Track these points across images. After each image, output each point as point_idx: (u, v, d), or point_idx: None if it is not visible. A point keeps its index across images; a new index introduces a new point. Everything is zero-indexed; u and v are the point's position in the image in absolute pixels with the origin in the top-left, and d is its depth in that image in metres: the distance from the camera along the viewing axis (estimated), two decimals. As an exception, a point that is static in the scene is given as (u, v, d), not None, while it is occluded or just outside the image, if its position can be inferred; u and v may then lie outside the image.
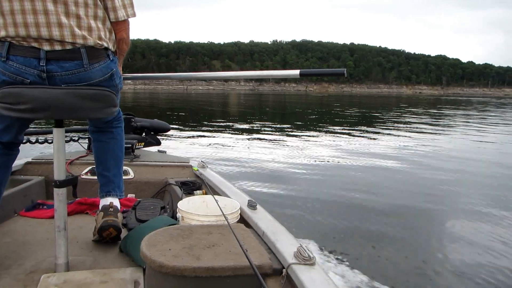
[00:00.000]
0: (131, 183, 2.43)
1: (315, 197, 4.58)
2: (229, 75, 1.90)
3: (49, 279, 1.33)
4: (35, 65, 1.37)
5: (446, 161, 7.01)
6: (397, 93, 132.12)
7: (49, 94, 1.31)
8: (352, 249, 3.08)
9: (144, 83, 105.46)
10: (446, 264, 2.96)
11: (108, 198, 1.76)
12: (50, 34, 1.36)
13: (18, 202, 2.08)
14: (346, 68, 1.50)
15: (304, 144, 9.10)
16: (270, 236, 1.39)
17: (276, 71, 1.74)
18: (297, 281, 1.11)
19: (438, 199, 4.66)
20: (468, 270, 2.85)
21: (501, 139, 10.52)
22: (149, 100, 33.01)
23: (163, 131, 3.27)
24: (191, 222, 1.53)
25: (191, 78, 2.11)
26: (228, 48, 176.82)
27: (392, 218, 3.92)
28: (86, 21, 1.43)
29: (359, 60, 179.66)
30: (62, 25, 1.37)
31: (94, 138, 1.82)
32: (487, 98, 69.68)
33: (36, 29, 1.35)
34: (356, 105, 28.63)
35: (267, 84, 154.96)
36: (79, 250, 1.65)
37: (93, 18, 1.45)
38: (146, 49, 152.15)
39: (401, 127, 13.60)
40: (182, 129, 11.42)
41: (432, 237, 3.50)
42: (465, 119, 17.28)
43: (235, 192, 1.98)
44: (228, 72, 2.11)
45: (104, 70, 1.51)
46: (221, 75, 1.88)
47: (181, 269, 1.11)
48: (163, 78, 2.17)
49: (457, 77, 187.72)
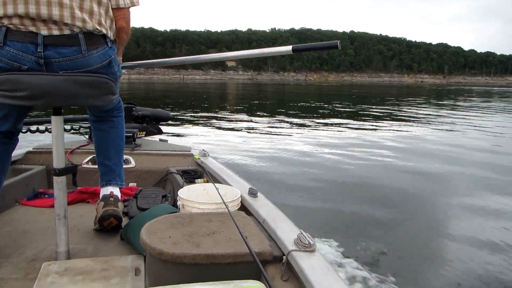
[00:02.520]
0: (132, 172, 2.45)
1: (316, 185, 4.61)
2: (220, 57, 1.97)
3: (50, 267, 1.36)
4: (32, 51, 1.37)
5: (450, 152, 7.02)
6: (398, 82, 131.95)
7: (47, 80, 1.31)
8: (353, 236, 3.13)
9: (139, 73, 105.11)
10: (445, 252, 3.01)
11: (108, 187, 1.77)
12: (49, 13, 1.35)
13: (19, 192, 2.10)
14: (339, 41, 1.51)
15: (306, 133, 9.15)
16: (270, 223, 1.41)
17: (268, 49, 1.76)
18: (297, 268, 1.13)
19: (440, 188, 4.69)
20: (466, 259, 2.90)
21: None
22: (144, 91, 32.84)
23: (165, 120, 3.29)
24: (191, 210, 1.55)
25: (184, 62, 2.22)
26: (225, 37, 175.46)
27: (394, 207, 3.95)
28: (89, 4, 1.43)
29: (359, 48, 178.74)
30: (63, 5, 1.37)
31: (94, 127, 1.83)
32: (489, 88, 69.39)
33: (35, 7, 1.34)
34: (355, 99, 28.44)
35: (265, 73, 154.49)
36: (80, 238, 1.67)
37: (96, 3, 1.45)
38: (141, 37, 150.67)
39: (403, 117, 13.61)
40: (184, 119, 11.43)
41: (433, 225, 3.53)
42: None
43: (236, 180, 2.00)
44: (219, 53, 2.15)
45: (102, 56, 1.51)
46: (212, 57, 1.97)
47: (180, 256, 1.13)
48: (156, 65, 2.23)
49: (459, 66, 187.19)
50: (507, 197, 4.37)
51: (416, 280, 2.44)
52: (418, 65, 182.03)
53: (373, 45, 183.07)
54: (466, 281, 2.57)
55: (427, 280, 2.51)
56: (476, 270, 2.72)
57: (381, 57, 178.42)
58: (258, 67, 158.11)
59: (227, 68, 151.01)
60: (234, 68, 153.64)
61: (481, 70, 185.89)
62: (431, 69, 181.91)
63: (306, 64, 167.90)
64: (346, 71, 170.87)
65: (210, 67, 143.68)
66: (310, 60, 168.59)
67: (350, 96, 28.93)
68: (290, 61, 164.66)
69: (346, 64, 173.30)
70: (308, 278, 1.05)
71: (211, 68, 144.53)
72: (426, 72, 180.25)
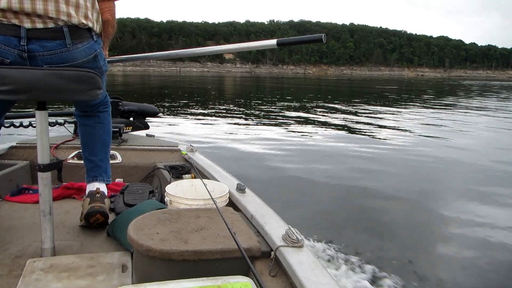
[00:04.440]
0: (119, 168, 2.45)
1: (305, 181, 4.65)
2: (205, 51, 2.04)
3: (35, 264, 1.35)
4: (15, 44, 1.36)
5: (443, 150, 7.04)
6: (398, 75, 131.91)
7: (30, 74, 1.29)
8: (341, 232, 3.16)
9: (134, 65, 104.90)
10: (436, 247, 3.05)
11: (94, 184, 1.77)
12: (33, 7, 1.34)
13: (3, 187, 2.09)
14: (324, 34, 1.52)
15: (295, 128, 9.17)
16: (258, 219, 1.42)
17: (253, 43, 1.79)
18: (285, 263, 1.14)
19: (432, 185, 4.73)
20: (457, 255, 2.94)
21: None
22: (140, 85, 32.71)
23: (151, 115, 3.29)
24: (179, 206, 1.56)
25: (169, 57, 2.27)
26: (223, 28, 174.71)
27: (383, 203, 3.99)
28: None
29: (359, 41, 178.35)
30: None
31: (80, 122, 1.82)
32: (489, 82, 69.25)
33: (18, 1, 1.32)
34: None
35: (264, 66, 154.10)
36: (66, 234, 1.67)
37: None
38: (137, 28, 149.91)
39: (400, 112, 13.62)
40: (171, 113, 11.42)
41: (423, 220, 3.60)
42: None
43: (224, 176, 2.01)
44: (204, 48, 2.21)
45: (87, 50, 1.50)
46: (197, 51, 2.05)
47: (168, 252, 1.13)
48: (142, 59, 2.28)
49: (460, 59, 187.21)
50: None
51: (404, 275, 2.46)
52: (419, 59, 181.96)
53: (373, 38, 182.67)
54: (459, 278, 2.60)
55: (416, 275, 2.54)
56: (467, 265, 2.77)
57: (382, 50, 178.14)
58: (256, 60, 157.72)
59: (225, 60, 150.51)
60: (232, 61, 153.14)
61: (482, 63, 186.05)
62: (432, 62, 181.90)
63: (305, 57, 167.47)
64: (345, 65, 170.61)
65: (207, 59, 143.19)
66: (310, 53, 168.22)
67: (350, 92, 28.83)
68: (289, 54, 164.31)
69: (345, 58, 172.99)
70: (296, 274, 1.07)
71: (209, 61, 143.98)
72: (427, 65, 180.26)
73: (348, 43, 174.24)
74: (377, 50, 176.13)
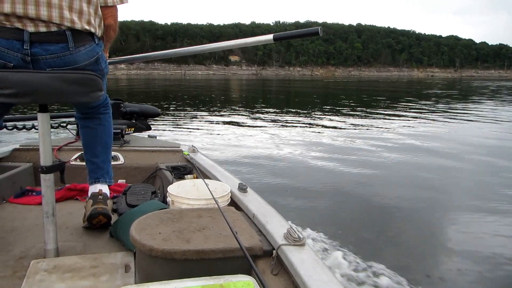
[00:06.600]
0: (121, 169, 2.49)
1: (307, 180, 4.68)
2: (205, 48, 2.08)
3: (38, 265, 1.38)
4: (18, 48, 1.39)
5: (446, 154, 6.97)
6: (408, 76, 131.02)
7: (33, 78, 1.31)
8: (343, 230, 3.18)
9: (138, 68, 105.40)
10: (439, 245, 3.06)
11: (97, 185, 1.80)
12: (37, 13, 1.37)
13: (6, 189, 2.13)
14: (320, 27, 1.54)
15: (297, 130, 9.20)
16: (260, 218, 1.44)
17: (250, 39, 1.83)
18: (287, 262, 1.16)
19: (433, 188, 4.69)
20: (458, 252, 2.94)
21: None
22: (144, 86, 32.88)
23: (153, 116, 3.34)
24: (181, 206, 1.58)
25: (167, 56, 2.30)
26: (228, 30, 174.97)
27: (386, 202, 4.01)
28: (78, 4, 1.44)
29: (367, 42, 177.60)
30: (51, 5, 1.38)
31: (82, 124, 1.85)
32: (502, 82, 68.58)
33: (23, 6, 1.35)
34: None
35: (270, 68, 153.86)
36: (69, 235, 1.70)
37: (86, 2, 1.47)
38: (141, 31, 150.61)
39: (404, 115, 13.54)
40: (173, 114, 11.50)
41: (424, 218, 3.60)
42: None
43: (226, 176, 2.04)
44: (199, 46, 2.24)
45: (89, 53, 1.53)
46: (193, 49, 2.09)
47: (171, 252, 1.16)
48: (141, 59, 2.32)
49: (471, 59, 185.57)
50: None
51: (406, 274, 2.47)
52: (428, 59, 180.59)
53: (381, 38, 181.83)
54: (459, 278, 2.60)
55: (418, 275, 2.55)
56: (467, 265, 2.76)
57: (390, 51, 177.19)
58: (262, 62, 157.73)
59: (231, 63, 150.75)
60: (237, 63, 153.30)
61: (494, 63, 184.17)
62: (442, 62, 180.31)
63: (312, 59, 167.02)
64: (353, 66, 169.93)
65: (212, 62, 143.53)
66: (317, 54, 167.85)
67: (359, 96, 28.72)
68: (295, 56, 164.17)
69: (353, 58, 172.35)
70: (298, 272, 1.08)
71: (214, 64, 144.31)
72: (437, 65, 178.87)
73: (356, 44, 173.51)
74: (385, 51, 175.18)
